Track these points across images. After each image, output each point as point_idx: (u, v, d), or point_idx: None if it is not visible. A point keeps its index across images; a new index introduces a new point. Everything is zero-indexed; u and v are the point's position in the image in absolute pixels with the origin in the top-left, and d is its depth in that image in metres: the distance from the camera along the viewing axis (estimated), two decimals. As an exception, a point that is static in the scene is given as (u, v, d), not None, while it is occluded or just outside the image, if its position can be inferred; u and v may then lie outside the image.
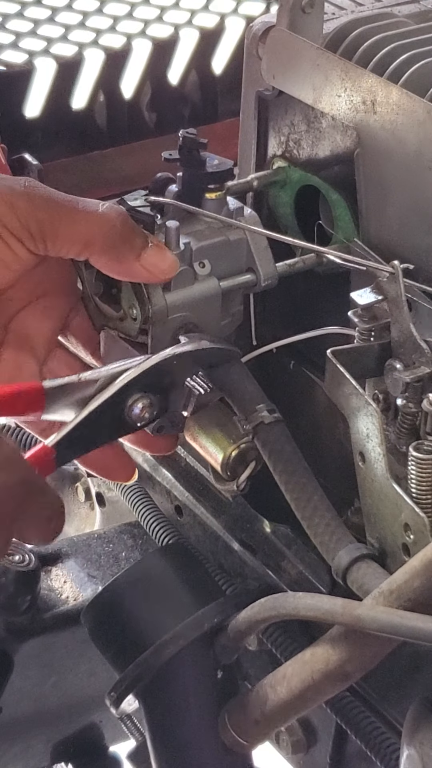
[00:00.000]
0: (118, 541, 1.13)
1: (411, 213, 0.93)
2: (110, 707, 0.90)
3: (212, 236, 0.94)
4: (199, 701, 0.90)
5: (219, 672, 0.90)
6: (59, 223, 0.90)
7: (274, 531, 1.02)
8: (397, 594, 0.77)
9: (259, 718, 0.86)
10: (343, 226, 0.99)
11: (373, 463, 0.85)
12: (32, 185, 0.90)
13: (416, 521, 0.81)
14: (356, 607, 0.77)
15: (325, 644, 0.81)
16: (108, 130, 1.38)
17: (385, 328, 0.89)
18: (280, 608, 0.83)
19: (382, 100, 0.92)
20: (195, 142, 0.94)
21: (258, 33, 1.02)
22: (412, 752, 0.84)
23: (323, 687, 0.82)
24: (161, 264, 0.91)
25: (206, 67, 1.40)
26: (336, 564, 0.84)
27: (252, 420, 0.90)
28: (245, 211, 0.96)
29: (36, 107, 1.33)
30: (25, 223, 0.89)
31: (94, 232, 0.90)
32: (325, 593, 0.95)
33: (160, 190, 0.95)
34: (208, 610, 0.89)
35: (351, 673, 0.80)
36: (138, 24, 1.39)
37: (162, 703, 0.90)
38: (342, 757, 1.02)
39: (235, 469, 0.92)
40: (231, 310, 0.97)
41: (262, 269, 0.96)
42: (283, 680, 0.84)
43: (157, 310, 0.92)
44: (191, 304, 0.93)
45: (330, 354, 0.87)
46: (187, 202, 0.94)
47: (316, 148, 1.02)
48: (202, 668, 0.90)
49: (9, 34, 1.38)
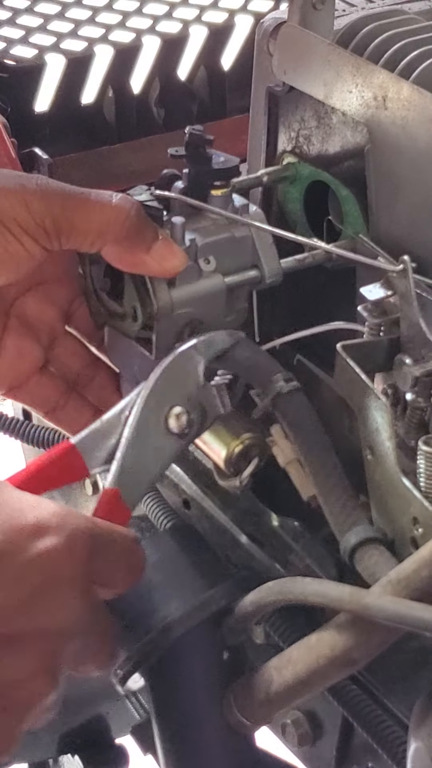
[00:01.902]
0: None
1: (421, 209, 0.93)
2: (116, 684, 0.90)
3: (218, 233, 0.95)
4: (205, 681, 0.91)
5: (225, 653, 0.91)
6: (74, 216, 0.90)
7: (281, 524, 1.02)
8: (405, 583, 0.77)
9: (264, 700, 0.87)
10: (353, 221, 1.00)
11: (382, 457, 0.85)
12: (45, 182, 0.90)
13: (425, 515, 0.82)
14: (364, 596, 0.78)
15: (331, 630, 0.81)
16: (117, 125, 1.38)
17: (394, 323, 0.90)
18: (287, 592, 0.83)
19: (393, 96, 0.92)
20: (201, 139, 0.94)
21: (269, 29, 1.03)
22: (420, 745, 0.84)
23: (328, 672, 0.82)
24: (171, 257, 0.91)
25: (215, 64, 1.40)
26: (345, 543, 0.84)
27: (269, 391, 0.90)
28: (251, 209, 0.97)
29: (45, 102, 1.33)
30: (41, 222, 0.89)
31: (108, 222, 0.90)
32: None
33: (166, 186, 0.95)
34: (216, 591, 0.90)
35: (357, 660, 0.81)
36: (147, 20, 1.40)
37: (168, 682, 0.91)
38: (348, 749, 1.03)
39: (238, 465, 0.92)
40: (236, 306, 0.97)
41: (266, 266, 0.96)
42: (289, 664, 0.84)
43: (162, 306, 0.92)
44: (196, 300, 0.94)
45: (340, 348, 0.88)
46: (192, 198, 0.95)
47: (326, 144, 1.02)
48: (208, 648, 0.90)
49: (19, 29, 1.38)
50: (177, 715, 0.91)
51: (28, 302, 0.99)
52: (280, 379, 0.90)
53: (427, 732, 0.84)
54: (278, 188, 1.06)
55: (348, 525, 0.85)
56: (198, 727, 0.91)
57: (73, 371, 1.01)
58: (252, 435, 0.92)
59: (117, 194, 0.91)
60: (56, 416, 1.01)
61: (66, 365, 1.01)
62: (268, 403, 0.90)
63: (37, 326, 0.99)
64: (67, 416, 1.01)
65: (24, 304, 0.98)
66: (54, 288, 0.99)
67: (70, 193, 0.90)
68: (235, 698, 0.89)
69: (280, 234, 0.96)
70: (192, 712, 0.91)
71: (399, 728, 0.93)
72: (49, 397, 1.00)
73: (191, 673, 0.90)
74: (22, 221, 0.89)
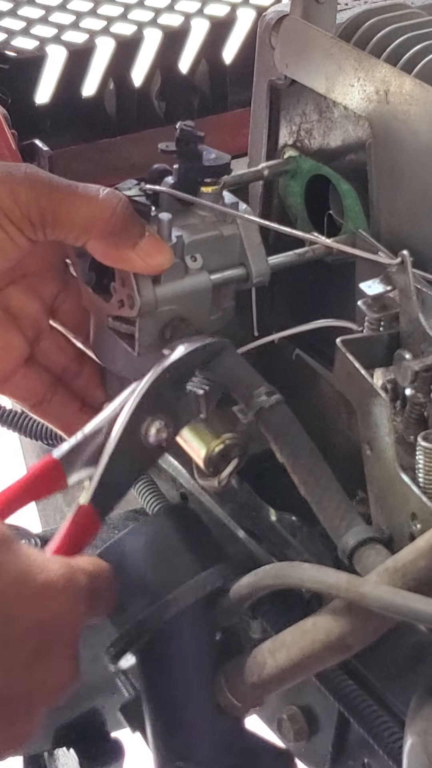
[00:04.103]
0: (123, 527, 1.12)
1: (422, 203, 0.93)
2: (107, 662, 0.90)
3: (205, 230, 0.94)
4: (196, 661, 0.91)
5: (218, 634, 0.91)
6: (60, 209, 0.89)
7: (279, 519, 1.02)
8: (402, 572, 0.77)
9: (256, 682, 0.87)
10: (354, 216, 1.00)
11: (381, 452, 0.85)
12: (33, 172, 0.90)
13: (424, 510, 0.82)
14: (361, 584, 0.78)
15: (326, 615, 0.81)
16: (117, 118, 1.37)
17: (394, 318, 0.90)
18: (284, 577, 0.83)
19: (395, 91, 0.92)
20: (192, 135, 0.94)
21: (271, 22, 1.02)
22: (416, 741, 0.84)
23: (323, 657, 0.82)
24: (156, 255, 0.91)
25: (217, 57, 1.39)
26: (343, 545, 0.84)
27: (253, 406, 0.89)
28: (240, 206, 0.96)
29: (46, 94, 1.33)
30: (26, 212, 0.89)
31: (94, 217, 0.90)
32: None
33: (156, 181, 0.95)
34: (211, 572, 0.90)
35: (352, 645, 0.81)
36: (149, 13, 1.39)
37: (159, 661, 0.91)
38: (344, 745, 1.03)
39: (217, 464, 0.91)
40: (222, 304, 0.96)
41: (254, 265, 0.95)
42: (282, 647, 0.84)
43: (146, 303, 0.92)
44: (181, 297, 0.93)
45: (340, 343, 0.88)
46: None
47: (327, 138, 1.02)
48: (201, 629, 0.90)
49: (20, 20, 1.37)
50: (167, 695, 0.91)
51: (12, 294, 0.98)
52: (263, 393, 0.89)
53: (423, 727, 0.84)
54: (279, 182, 1.06)
55: (344, 528, 0.85)
56: (188, 707, 0.91)
57: (59, 365, 1.01)
58: (233, 435, 0.91)
59: (104, 189, 0.91)
60: (42, 410, 1.01)
61: (52, 359, 1.01)
62: (252, 419, 0.89)
63: (22, 319, 0.99)
64: (53, 410, 1.00)
65: (8, 296, 0.98)
66: (38, 281, 0.99)
67: (57, 185, 0.90)
68: (226, 680, 0.89)
69: (277, 229, 0.96)
70: (183, 692, 0.91)
71: (395, 724, 0.93)
72: (35, 390, 1.00)
73: (183, 652, 0.90)
74: (8, 210, 0.89)
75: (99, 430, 0.87)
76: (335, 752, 1.04)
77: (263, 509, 1.03)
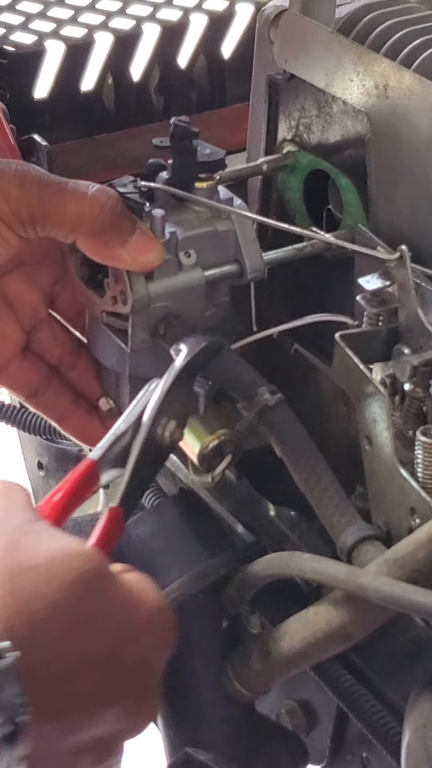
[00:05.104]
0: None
1: (422, 198, 0.93)
2: None
3: (200, 226, 0.94)
4: (204, 649, 0.91)
5: (225, 621, 0.91)
6: (50, 206, 0.89)
7: (278, 514, 1.02)
8: (401, 563, 0.78)
9: (261, 671, 0.88)
10: (353, 211, 1.00)
11: (379, 447, 0.85)
12: (23, 169, 0.89)
13: (422, 505, 0.82)
14: (360, 576, 0.79)
15: (328, 604, 0.82)
16: (116, 113, 1.38)
17: (393, 312, 0.89)
18: (285, 566, 0.84)
19: (395, 85, 0.92)
20: (186, 131, 0.93)
21: (270, 17, 1.02)
22: (414, 735, 0.85)
23: (324, 645, 0.83)
24: (146, 252, 0.90)
25: (215, 52, 1.40)
26: (342, 543, 0.84)
27: (255, 405, 0.90)
28: (235, 202, 0.96)
29: (45, 89, 1.33)
30: (16, 210, 0.89)
31: (83, 214, 0.89)
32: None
33: (152, 176, 0.95)
34: (216, 560, 0.90)
35: (352, 635, 0.82)
36: (148, 7, 1.39)
37: None
38: (343, 739, 1.03)
39: (211, 461, 0.91)
40: (216, 300, 0.96)
41: (248, 261, 0.95)
42: (286, 636, 0.85)
43: (139, 299, 0.91)
44: (174, 294, 0.93)
45: (338, 337, 0.88)
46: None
47: (326, 133, 1.02)
48: (207, 617, 0.91)
49: (19, 15, 1.37)
50: (176, 681, 0.91)
51: (8, 283, 0.97)
52: (265, 392, 0.89)
53: (421, 722, 0.84)
54: (278, 177, 1.06)
55: (343, 525, 0.85)
56: (196, 694, 0.92)
57: (55, 356, 1.01)
58: (227, 431, 0.91)
59: (94, 185, 0.90)
60: (36, 401, 1.00)
61: (48, 350, 1.00)
62: (254, 416, 0.89)
63: (19, 308, 0.98)
64: (48, 401, 1.00)
65: (5, 285, 0.97)
66: (35, 270, 0.98)
67: (47, 183, 0.89)
68: (233, 668, 0.90)
69: (275, 225, 0.96)
70: (190, 679, 0.92)
71: (394, 718, 0.94)
72: (31, 381, 1.00)
73: (190, 640, 0.90)
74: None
75: (126, 429, 0.87)
76: (334, 747, 1.04)
77: (262, 504, 1.03)
